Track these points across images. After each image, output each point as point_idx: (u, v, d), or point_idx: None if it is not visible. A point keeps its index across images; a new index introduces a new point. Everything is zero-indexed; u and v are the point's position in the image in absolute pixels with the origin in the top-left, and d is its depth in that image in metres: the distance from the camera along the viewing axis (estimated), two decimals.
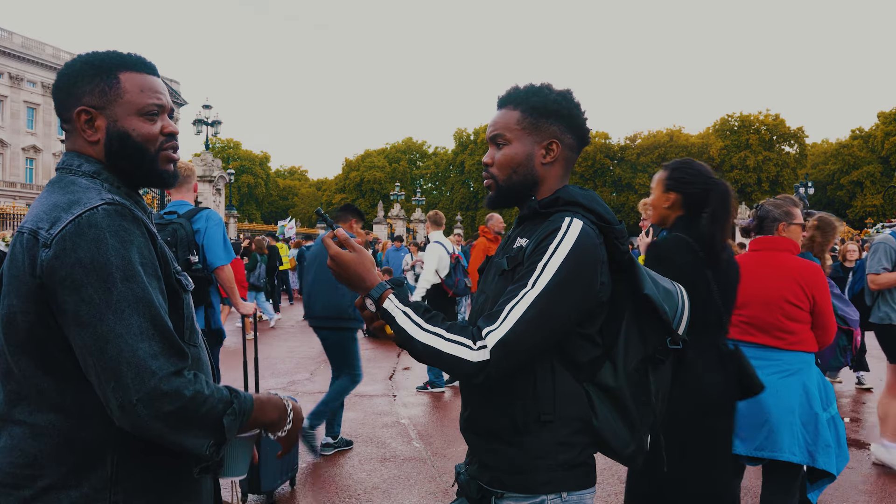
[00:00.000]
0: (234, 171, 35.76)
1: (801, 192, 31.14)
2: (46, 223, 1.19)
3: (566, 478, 1.42)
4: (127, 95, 1.31)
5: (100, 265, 1.14)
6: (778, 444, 2.75)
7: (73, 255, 1.14)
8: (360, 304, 1.45)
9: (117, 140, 1.31)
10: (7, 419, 1.23)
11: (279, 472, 3.87)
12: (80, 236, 1.15)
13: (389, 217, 38.18)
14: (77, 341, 1.15)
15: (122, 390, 1.12)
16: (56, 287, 1.15)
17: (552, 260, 1.36)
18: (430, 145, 77.38)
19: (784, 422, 2.76)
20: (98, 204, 1.19)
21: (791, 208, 3.05)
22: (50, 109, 50.55)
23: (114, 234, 1.17)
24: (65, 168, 1.32)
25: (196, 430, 1.18)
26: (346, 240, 1.45)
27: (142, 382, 1.12)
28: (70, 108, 1.32)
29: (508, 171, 1.52)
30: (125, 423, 1.14)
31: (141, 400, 1.12)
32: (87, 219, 1.17)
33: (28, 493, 1.18)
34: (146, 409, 1.12)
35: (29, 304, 1.18)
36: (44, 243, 1.16)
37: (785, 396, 2.77)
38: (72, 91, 1.31)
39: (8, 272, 1.22)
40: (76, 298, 1.14)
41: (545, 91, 1.51)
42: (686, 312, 1.55)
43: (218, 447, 1.21)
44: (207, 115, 23.60)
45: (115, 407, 1.14)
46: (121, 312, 1.14)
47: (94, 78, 1.31)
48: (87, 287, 1.14)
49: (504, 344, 1.31)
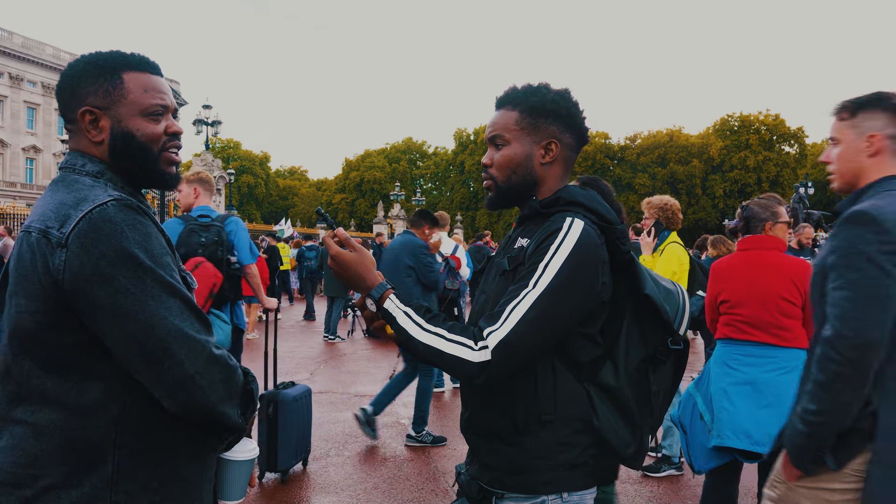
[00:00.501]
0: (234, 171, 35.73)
1: (801, 192, 31.06)
2: (56, 222, 1.19)
3: (567, 478, 1.42)
4: (131, 95, 1.32)
5: (126, 256, 1.16)
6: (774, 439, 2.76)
7: (95, 251, 1.15)
8: (360, 303, 1.45)
9: (121, 140, 1.32)
10: (8, 419, 1.23)
11: (294, 452, 4.20)
12: (97, 231, 1.16)
13: (389, 217, 38.16)
14: (116, 332, 1.16)
15: (177, 367, 1.17)
16: (82, 284, 1.15)
17: (553, 260, 1.36)
18: (430, 145, 77.43)
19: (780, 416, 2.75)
20: (107, 200, 1.20)
21: (777, 208, 3.10)
22: (50, 109, 50.63)
23: (131, 227, 1.19)
24: (68, 167, 1.32)
25: (234, 400, 1.28)
26: (347, 239, 1.45)
27: (196, 356, 1.19)
28: (74, 109, 1.32)
29: (508, 172, 1.51)
30: (181, 398, 1.19)
31: (198, 372, 1.19)
32: (99, 214, 1.18)
33: (29, 492, 1.18)
34: (203, 379, 1.19)
35: (38, 304, 1.19)
36: (58, 243, 1.17)
37: (776, 391, 2.82)
38: (75, 91, 1.31)
39: (15, 272, 1.22)
40: (110, 291, 1.15)
41: (543, 91, 1.50)
42: (687, 312, 1.55)
43: (245, 415, 1.31)
44: (207, 115, 23.58)
45: (172, 384, 1.17)
46: (159, 297, 1.18)
47: (98, 78, 1.31)
48: (120, 278, 1.15)
49: (505, 344, 1.31)
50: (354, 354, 9.40)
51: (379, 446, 5.02)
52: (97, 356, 1.21)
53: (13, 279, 1.23)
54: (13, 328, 1.22)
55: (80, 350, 1.20)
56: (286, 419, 4.05)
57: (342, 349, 9.80)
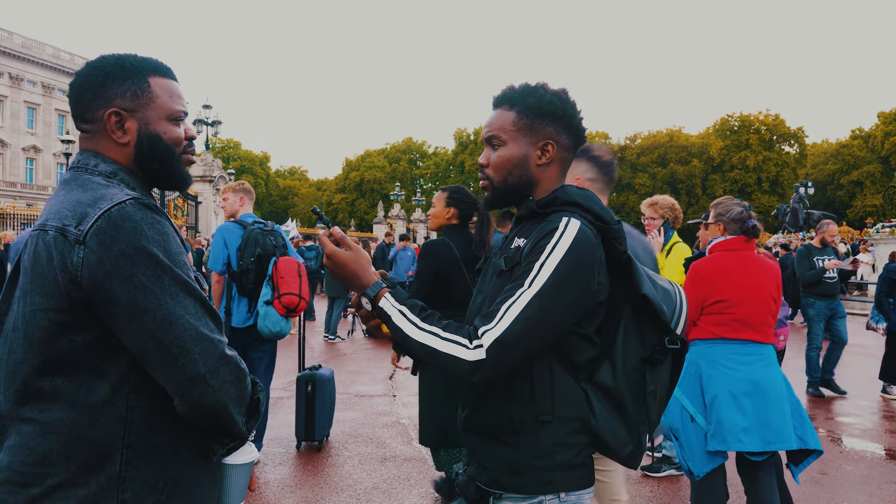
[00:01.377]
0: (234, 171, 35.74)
1: (801, 192, 31.11)
2: (73, 220, 1.19)
3: (564, 478, 1.41)
4: (158, 100, 1.35)
5: (145, 254, 1.18)
6: (783, 435, 2.84)
7: (115, 248, 1.17)
8: (356, 302, 1.45)
9: (148, 143, 1.34)
10: (15, 417, 1.23)
11: (326, 424, 5.01)
12: (117, 229, 1.17)
13: (389, 217, 38.22)
14: (133, 329, 1.18)
15: (190, 364, 1.19)
16: (102, 281, 1.16)
17: (549, 259, 1.35)
18: (430, 145, 77.34)
19: (781, 412, 2.87)
20: (125, 199, 1.21)
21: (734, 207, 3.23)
22: (50, 109, 50.63)
23: (150, 226, 1.21)
24: (80, 167, 1.33)
25: (241, 406, 1.29)
26: (343, 238, 1.45)
27: (209, 355, 1.21)
28: (97, 109, 1.32)
29: (504, 173, 1.51)
30: (193, 395, 1.20)
31: (210, 371, 1.20)
32: (117, 212, 1.19)
33: (37, 490, 1.19)
34: (214, 379, 1.21)
35: (54, 301, 1.19)
36: (76, 240, 1.17)
37: (774, 387, 2.89)
38: (100, 92, 1.32)
39: (31, 270, 1.22)
40: (129, 287, 1.17)
41: (541, 91, 1.50)
42: (684, 312, 1.54)
43: (249, 425, 1.32)
44: (207, 115, 23.63)
45: (184, 380, 1.19)
46: (176, 295, 1.20)
47: (126, 80, 1.32)
48: (139, 275, 1.17)
49: (500, 343, 1.31)
50: (354, 354, 9.41)
51: (379, 446, 5.02)
52: (106, 355, 1.21)
53: (27, 278, 1.23)
54: (25, 326, 1.22)
55: (90, 349, 1.21)
56: (322, 396, 4.80)
57: (342, 349, 9.80)
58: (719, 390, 2.88)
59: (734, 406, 2.84)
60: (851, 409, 6.38)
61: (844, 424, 5.86)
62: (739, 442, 2.81)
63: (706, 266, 3.05)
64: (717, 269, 3.01)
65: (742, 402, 2.84)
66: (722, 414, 2.84)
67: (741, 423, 2.82)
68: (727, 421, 2.83)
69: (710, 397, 2.90)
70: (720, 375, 2.90)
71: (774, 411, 2.84)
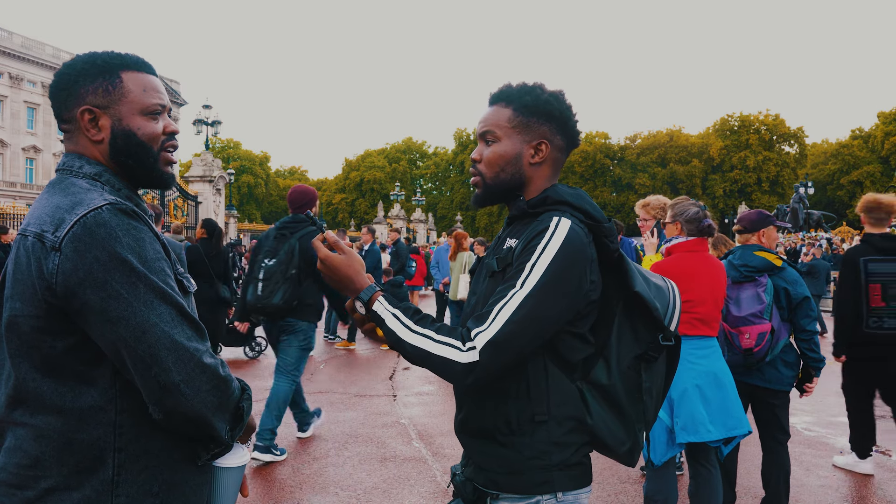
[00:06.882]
0: (234, 171, 35.75)
1: (801, 192, 31.12)
2: (51, 226, 1.19)
3: (561, 478, 1.41)
4: (131, 95, 1.33)
5: (119, 261, 1.17)
6: (742, 421, 3.03)
7: (89, 255, 1.15)
8: (350, 306, 1.45)
9: (122, 138, 1.32)
10: (9, 421, 1.23)
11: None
12: (91, 236, 1.16)
13: (389, 217, 38.20)
14: (108, 336, 1.17)
15: (164, 373, 1.17)
16: (76, 288, 1.15)
17: (540, 260, 1.35)
18: (430, 145, 77.49)
19: (736, 400, 3.08)
20: (102, 204, 1.20)
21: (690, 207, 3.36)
22: (50, 109, 50.46)
23: (125, 232, 1.19)
24: (65, 169, 1.32)
25: (223, 413, 1.26)
26: (336, 242, 1.45)
27: (183, 363, 1.19)
28: (71, 108, 1.32)
29: (496, 170, 1.51)
30: (167, 404, 1.18)
31: (184, 380, 1.18)
32: (93, 218, 1.18)
33: (31, 493, 1.19)
34: (189, 388, 1.19)
35: (32, 308, 1.19)
36: (52, 246, 1.17)
37: (728, 377, 3.10)
38: (73, 90, 1.31)
39: (13, 276, 1.22)
40: (102, 295, 1.15)
41: (538, 91, 1.50)
42: (678, 309, 1.54)
43: (233, 432, 1.30)
44: (207, 115, 23.61)
45: (157, 389, 1.17)
46: (150, 303, 1.18)
47: (97, 77, 1.31)
48: (112, 283, 1.16)
49: (493, 344, 1.31)
50: (354, 354, 9.41)
51: (379, 446, 5.03)
52: (91, 361, 1.21)
53: (10, 282, 1.23)
54: (11, 332, 1.22)
55: (73, 355, 1.20)
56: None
57: (342, 349, 9.80)
58: (687, 384, 3.00)
59: (701, 399, 2.98)
60: None
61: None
62: (708, 432, 2.95)
63: (671, 267, 3.13)
64: (681, 271, 3.07)
65: (707, 394, 3.00)
66: (693, 407, 2.97)
67: (707, 414, 2.97)
68: (697, 414, 2.96)
69: (679, 393, 2.99)
70: (685, 371, 2.99)
71: (732, 400, 3.03)
